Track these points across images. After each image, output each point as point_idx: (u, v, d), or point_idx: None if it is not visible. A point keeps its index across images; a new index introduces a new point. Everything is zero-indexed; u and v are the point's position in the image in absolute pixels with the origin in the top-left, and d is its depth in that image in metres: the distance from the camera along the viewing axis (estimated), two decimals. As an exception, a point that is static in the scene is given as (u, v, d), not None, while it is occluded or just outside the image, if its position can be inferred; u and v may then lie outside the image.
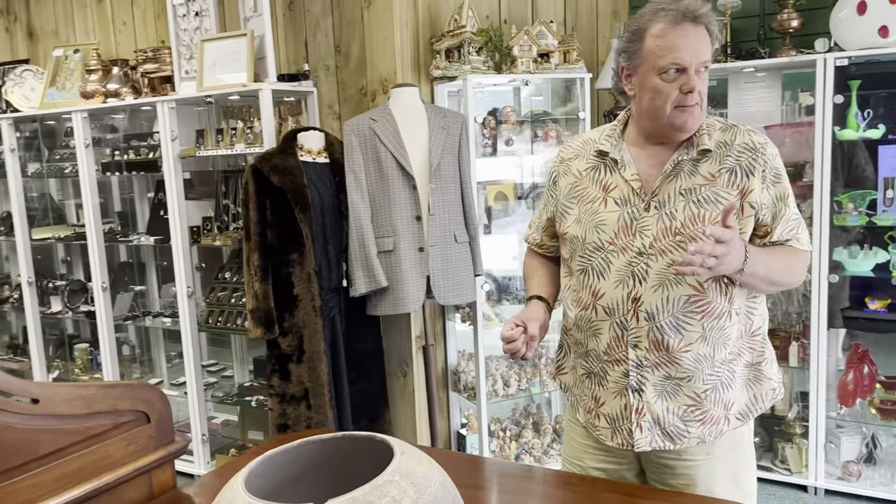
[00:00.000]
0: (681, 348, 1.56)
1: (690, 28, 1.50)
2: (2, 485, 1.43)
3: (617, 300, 1.58)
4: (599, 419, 1.67)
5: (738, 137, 1.59)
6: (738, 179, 1.55)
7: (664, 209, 1.56)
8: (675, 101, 1.52)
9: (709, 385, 1.58)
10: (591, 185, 1.66)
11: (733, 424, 1.61)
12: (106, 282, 3.89)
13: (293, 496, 1.26)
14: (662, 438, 1.60)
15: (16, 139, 4.12)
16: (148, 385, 1.76)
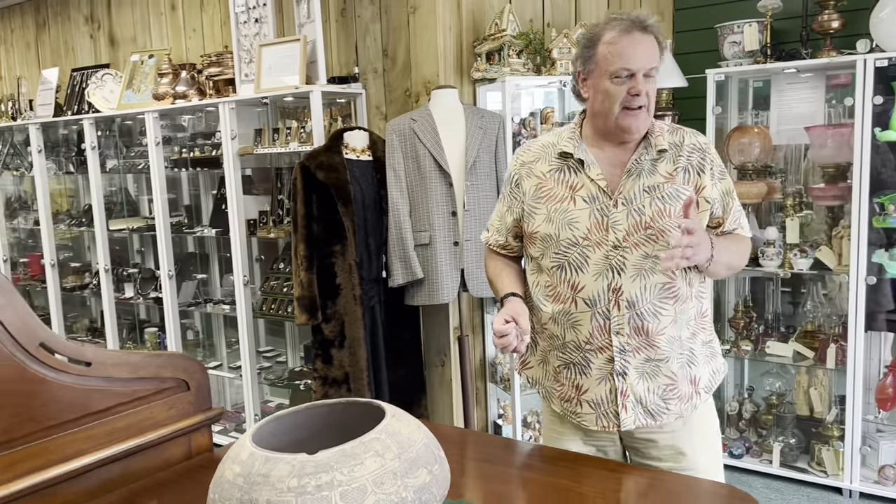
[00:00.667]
0: (658, 332, 1.69)
1: (639, 36, 1.65)
2: (61, 435, 1.64)
3: (598, 291, 1.69)
4: (581, 406, 1.77)
5: (685, 139, 1.73)
6: (692, 177, 1.70)
7: (632, 205, 1.68)
8: (623, 102, 1.66)
9: (679, 364, 1.73)
10: (557, 186, 1.75)
11: (703, 397, 1.77)
12: (172, 270, 4.18)
13: (296, 452, 1.42)
14: (645, 416, 1.73)
15: (96, 137, 4.47)
16: (188, 356, 1.95)
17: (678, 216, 1.64)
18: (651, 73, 1.67)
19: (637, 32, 1.64)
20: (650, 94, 1.67)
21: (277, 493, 1.15)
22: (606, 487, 1.55)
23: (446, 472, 1.29)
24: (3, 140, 5.30)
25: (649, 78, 1.66)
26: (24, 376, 1.57)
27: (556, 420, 1.87)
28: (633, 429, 1.74)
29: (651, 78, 1.67)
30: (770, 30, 3.20)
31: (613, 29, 1.66)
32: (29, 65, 5.68)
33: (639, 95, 1.64)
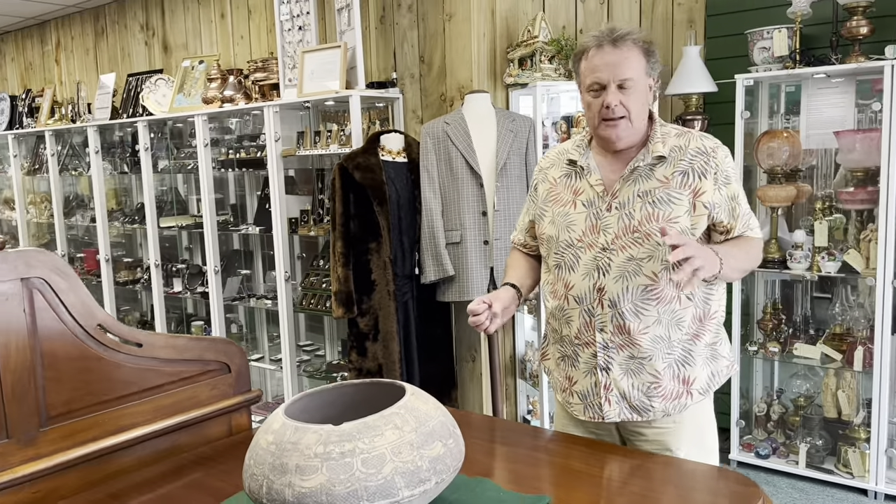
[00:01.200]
0: (640, 331, 1.75)
1: (609, 49, 1.70)
2: (115, 409, 1.80)
3: (585, 290, 1.78)
4: (573, 396, 1.87)
5: (691, 142, 1.76)
6: (691, 181, 1.72)
7: (623, 210, 1.75)
8: (601, 114, 1.72)
9: (666, 363, 1.77)
10: (564, 190, 1.86)
11: (696, 398, 1.80)
12: (218, 266, 4.38)
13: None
14: (630, 411, 1.80)
15: (149, 139, 4.70)
16: (230, 341, 2.11)
17: (665, 220, 1.70)
18: (626, 85, 1.70)
19: (607, 45, 1.70)
20: (628, 105, 1.71)
21: (305, 459, 1.27)
22: (619, 470, 1.65)
23: (461, 446, 1.41)
24: (62, 142, 5.59)
25: (625, 89, 1.70)
26: (85, 354, 1.74)
27: (561, 409, 1.98)
28: (617, 421, 1.82)
29: (627, 89, 1.70)
30: (799, 35, 3.25)
31: (590, 44, 1.74)
32: (88, 70, 5.98)
33: (609, 108, 1.70)
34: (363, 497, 1.23)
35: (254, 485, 1.31)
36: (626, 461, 1.70)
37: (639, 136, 1.78)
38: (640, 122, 1.76)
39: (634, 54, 1.72)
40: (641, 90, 1.73)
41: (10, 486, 1.58)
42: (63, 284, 1.70)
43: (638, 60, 1.72)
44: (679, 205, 1.72)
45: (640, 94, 1.73)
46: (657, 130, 1.79)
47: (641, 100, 1.74)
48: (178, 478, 1.72)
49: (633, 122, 1.73)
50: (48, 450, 1.66)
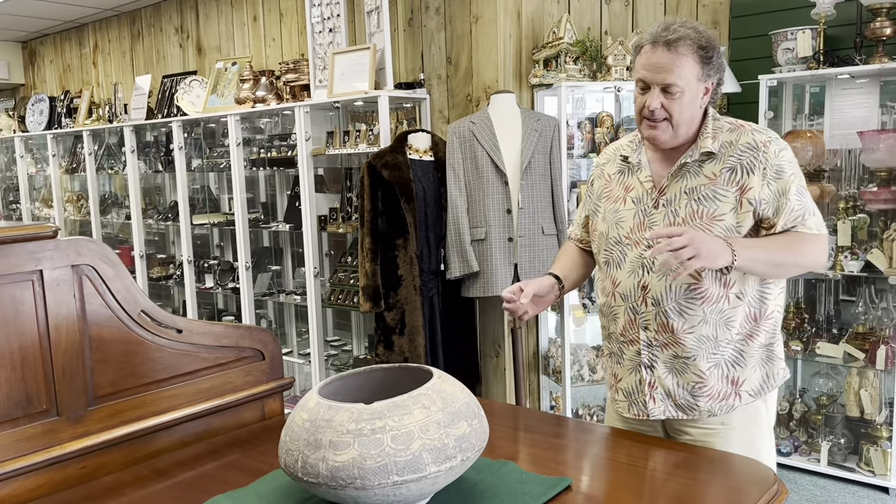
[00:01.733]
0: (684, 330, 1.72)
1: (661, 51, 1.65)
2: (156, 391, 1.90)
3: (630, 287, 1.78)
4: (618, 393, 1.87)
5: (742, 137, 1.70)
6: (738, 177, 1.67)
7: (670, 207, 1.73)
8: (643, 114, 1.71)
9: (712, 363, 1.73)
10: (616, 187, 1.85)
11: (745, 400, 1.75)
12: (249, 263, 4.50)
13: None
14: (675, 409, 1.78)
15: (183, 139, 4.84)
16: (264, 329, 2.20)
17: (710, 217, 1.67)
18: (671, 90, 1.65)
19: (660, 47, 1.65)
20: (671, 109, 1.66)
21: (338, 435, 1.35)
22: (636, 455, 1.70)
23: (485, 427, 1.48)
24: (99, 141, 5.76)
25: (669, 94, 1.65)
26: (129, 338, 1.84)
27: (611, 405, 1.97)
28: (662, 419, 1.81)
29: (672, 94, 1.65)
30: (823, 36, 3.28)
31: (646, 40, 1.70)
32: (124, 72, 6.15)
33: (649, 110, 1.67)
34: (393, 471, 1.30)
35: (289, 460, 1.39)
36: (645, 447, 1.75)
37: (683, 140, 1.73)
38: (686, 127, 1.70)
39: (686, 60, 1.65)
40: (690, 96, 1.67)
41: (60, 461, 1.67)
42: (110, 272, 1.80)
43: (690, 66, 1.65)
44: (724, 202, 1.68)
45: (688, 100, 1.67)
46: (709, 125, 1.72)
47: (688, 105, 1.67)
48: (216, 458, 1.80)
49: (675, 126, 1.69)
50: (95, 427, 1.76)
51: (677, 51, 1.64)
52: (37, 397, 1.65)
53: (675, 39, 1.64)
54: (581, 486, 1.51)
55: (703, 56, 1.66)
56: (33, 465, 1.61)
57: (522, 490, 1.45)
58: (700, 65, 1.66)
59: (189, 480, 1.66)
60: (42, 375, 1.66)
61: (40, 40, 7.17)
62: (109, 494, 1.60)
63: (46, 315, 1.67)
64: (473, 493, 1.46)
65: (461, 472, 1.39)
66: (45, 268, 1.67)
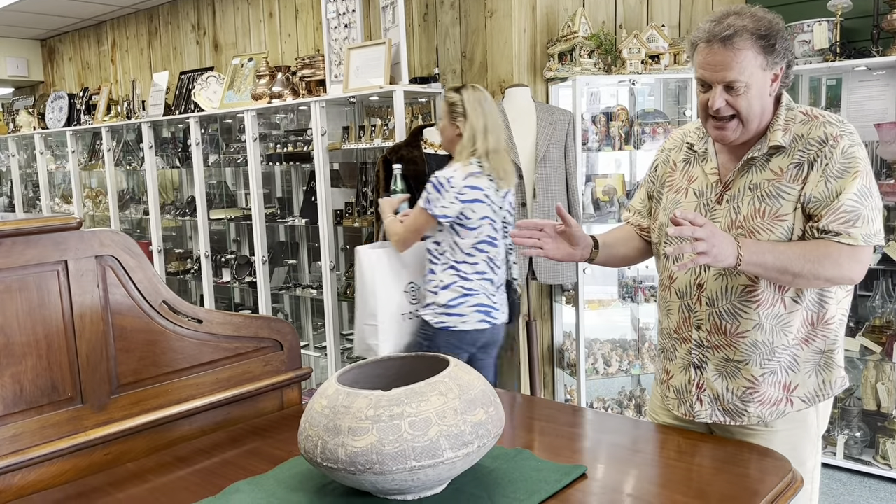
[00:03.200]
0: (738, 334, 1.65)
1: (718, 49, 1.55)
2: (177, 380, 1.93)
3: (685, 284, 1.71)
4: (669, 390, 1.82)
5: (814, 130, 1.58)
6: (804, 172, 1.57)
7: (733, 203, 1.64)
8: (708, 112, 1.60)
9: (766, 370, 1.65)
10: (680, 176, 1.76)
11: (797, 406, 1.67)
12: (266, 257, 4.54)
13: (373, 394, 1.65)
14: (723, 414, 1.71)
15: (200, 134, 4.88)
16: (283, 320, 2.23)
17: (772, 216, 1.58)
18: (734, 87, 1.55)
19: (716, 45, 1.55)
20: (738, 106, 1.57)
21: (357, 421, 1.37)
22: (650, 443, 1.72)
23: (501, 415, 1.49)
24: (117, 137, 5.82)
25: (733, 90, 1.56)
26: (151, 328, 1.87)
27: (657, 399, 1.92)
28: (708, 422, 1.75)
29: (736, 90, 1.55)
30: (840, 28, 3.26)
31: (700, 38, 1.59)
32: (142, 68, 6.21)
33: (713, 109, 1.57)
34: (411, 456, 1.33)
35: (309, 445, 1.41)
36: (660, 436, 1.77)
37: (754, 133, 1.62)
38: (756, 121, 1.60)
39: (746, 54, 1.54)
40: (756, 89, 1.57)
41: (85, 448, 1.71)
42: (132, 263, 1.83)
43: (751, 59, 1.54)
44: (788, 200, 1.58)
45: (755, 94, 1.57)
46: (781, 115, 1.62)
47: (756, 98, 1.58)
48: (236, 445, 1.84)
49: (744, 121, 1.59)
50: (119, 415, 1.79)
51: (734, 46, 1.53)
52: (62, 385, 1.69)
53: (730, 36, 1.53)
54: (596, 473, 1.53)
55: (764, 46, 1.55)
56: (58, 452, 1.65)
57: (538, 477, 1.47)
58: (763, 55, 1.55)
59: (210, 467, 1.69)
60: (67, 364, 1.70)
61: (59, 38, 7.25)
62: (133, 480, 1.63)
63: (71, 304, 1.70)
64: (489, 479, 1.48)
65: (477, 458, 1.41)
66: (70, 258, 1.70)
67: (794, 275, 1.54)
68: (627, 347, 3.75)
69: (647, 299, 3.63)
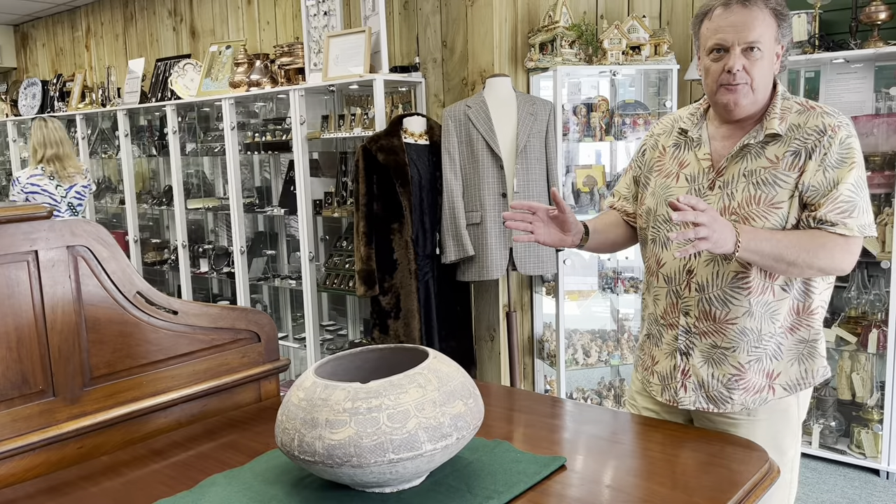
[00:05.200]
0: (727, 320, 1.66)
1: (738, 9, 1.56)
2: (152, 372, 1.90)
3: (674, 270, 1.70)
4: (653, 376, 1.82)
5: (811, 120, 1.59)
6: (800, 161, 1.58)
7: (726, 189, 1.63)
8: (721, 80, 1.59)
9: (753, 357, 1.66)
10: (670, 161, 1.75)
11: (779, 394, 1.68)
12: (244, 247, 4.49)
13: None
14: (706, 401, 1.72)
15: (177, 123, 4.82)
16: (260, 311, 2.20)
17: (767, 204, 1.59)
18: (753, 47, 1.55)
19: (735, 5, 1.56)
20: (752, 71, 1.57)
21: (334, 414, 1.36)
22: (629, 434, 1.72)
23: (480, 406, 1.48)
24: (92, 125, 5.73)
25: (750, 53, 1.56)
26: (125, 319, 1.84)
27: (638, 385, 1.92)
28: (692, 409, 1.76)
29: (752, 54, 1.56)
30: (819, 20, 3.28)
31: (716, 2, 1.59)
32: (117, 55, 6.11)
33: (731, 72, 1.57)
34: (389, 449, 1.31)
35: (286, 438, 1.40)
36: (640, 427, 1.77)
37: (758, 107, 1.63)
38: (763, 92, 1.61)
39: (765, 16, 1.56)
40: (768, 57, 1.59)
41: (57, 441, 1.68)
42: (105, 253, 1.80)
43: (768, 24, 1.57)
44: (784, 188, 1.59)
45: (766, 62, 1.59)
46: (777, 104, 1.63)
47: (767, 67, 1.59)
48: (213, 438, 1.81)
49: (754, 90, 1.59)
50: (92, 408, 1.76)
51: (755, 5, 1.56)
52: (33, 378, 1.65)
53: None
54: (575, 464, 1.53)
55: (778, 13, 1.59)
56: (29, 445, 1.62)
57: (517, 469, 1.47)
58: (776, 22, 1.58)
59: (186, 460, 1.67)
60: (38, 356, 1.66)
61: (32, 24, 7.11)
62: (107, 474, 1.61)
63: (42, 296, 1.67)
64: (468, 471, 1.47)
65: (456, 450, 1.40)
66: (41, 248, 1.67)
67: (789, 263, 1.55)
68: (607, 338, 3.76)
69: (626, 290, 3.64)
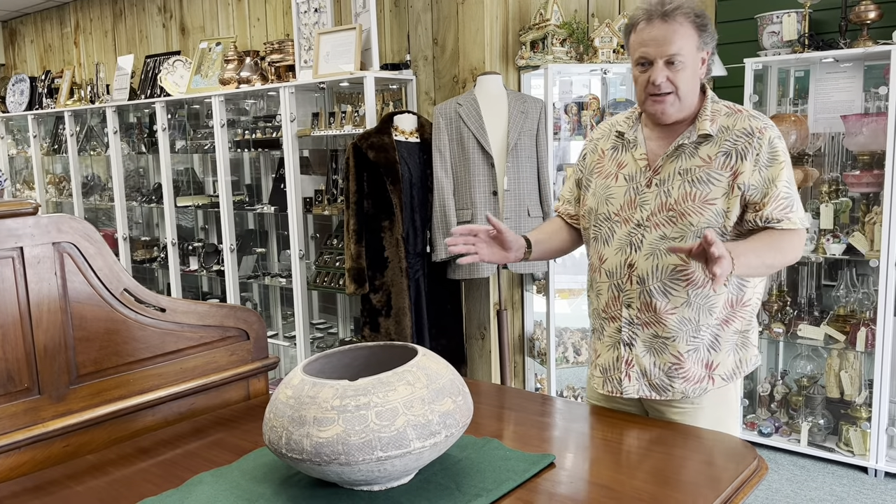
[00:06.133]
0: (667, 311, 1.74)
1: (658, 24, 1.66)
2: (140, 370, 1.89)
3: (616, 265, 1.79)
4: (596, 369, 1.90)
5: (738, 122, 1.70)
6: (732, 161, 1.67)
7: (663, 187, 1.73)
8: (648, 90, 1.69)
9: (691, 347, 1.75)
10: (609, 163, 1.85)
11: (718, 384, 1.78)
12: (234, 245, 4.47)
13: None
14: (649, 389, 1.81)
15: (167, 120, 4.79)
16: (249, 309, 2.19)
17: (702, 201, 1.68)
18: (674, 61, 1.65)
19: (656, 19, 1.65)
20: (676, 81, 1.66)
21: (323, 411, 1.35)
22: (619, 432, 1.72)
23: (469, 404, 1.48)
24: (81, 122, 5.69)
25: (672, 65, 1.66)
26: (111, 316, 1.82)
27: (589, 381, 1.99)
28: (636, 397, 1.83)
29: (675, 65, 1.65)
30: (808, 20, 3.29)
31: (639, 17, 1.70)
32: (106, 52, 6.07)
33: (655, 84, 1.66)
34: (377, 447, 1.31)
35: (273, 436, 1.39)
36: (627, 425, 1.77)
37: (687, 112, 1.73)
38: (690, 99, 1.71)
39: (685, 28, 1.66)
40: (691, 66, 1.68)
41: (43, 440, 1.67)
42: (92, 249, 1.78)
43: (688, 35, 1.66)
44: (717, 186, 1.68)
45: (690, 70, 1.68)
46: (708, 107, 1.73)
47: (690, 76, 1.69)
48: (200, 436, 1.80)
49: (681, 98, 1.69)
50: (78, 406, 1.75)
51: (675, 20, 1.65)
52: (18, 375, 1.64)
53: (671, 10, 1.65)
54: (564, 462, 1.52)
55: (699, 24, 1.67)
56: (14, 444, 1.60)
57: (506, 467, 1.46)
58: (697, 33, 1.67)
59: (173, 459, 1.66)
60: (23, 353, 1.65)
61: (20, 19, 7.06)
62: (93, 473, 1.59)
63: (27, 292, 1.65)
64: (457, 469, 1.46)
65: (445, 448, 1.39)
66: (26, 245, 1.65)
67: (769, 266, 1.68)
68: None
69: (616, 288, 3.63)
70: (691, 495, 1.36)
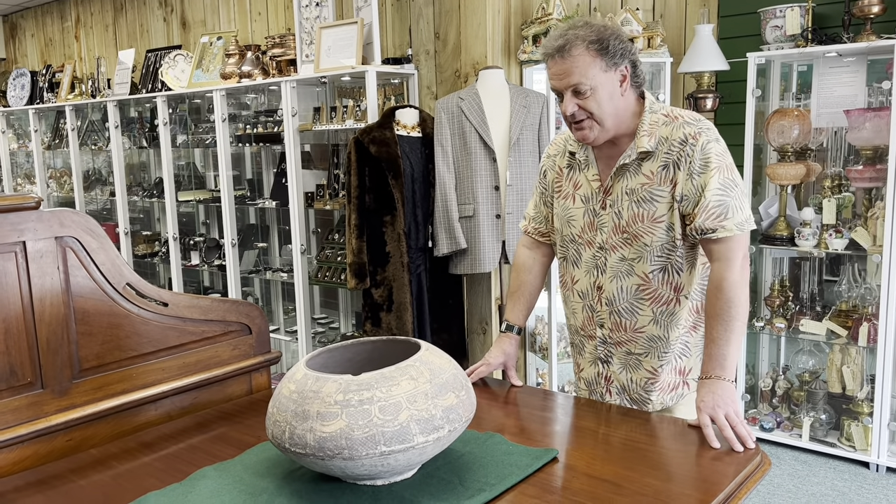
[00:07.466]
0: (636, 329, 1.79)
1: (557, 60, 1.66)
2: (142, 364, 1.89)
3: (586, 286, 1.83)
4: (581, 382, 1.97)
5: (675, 131, 1.68)
6: (671, 174, 1.67)
7: (614, 208, 1.75)
8: (567, 120, 1.72)
9: (664, 361, 1.80)
10: (566, 183, 1.86)
11: (692, 387, 1.82)
12: (235, 240, 4.47)
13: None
14: (630, 403, 1.86)
15: (168, 114, 4.78)
16: (251, 303, 2.19)
17: (650, 220, 1.70)
18: (580, 89, 1.65)
19: (556, 57, 1.66)
20: (589, 108, 1.66)
21: (326, 406, 1.35)
22: (625, 428, 1.72)
23: (472, 399, 1.48)
24: (82, 117, 5.68)
25: (580, 94, 1.65)
26: (114, 311, 1.82)
27: (576, 390, 2.06)
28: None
29: (583, 93, 1.65)
30: (811, 14, 3.27)
31: (546, 53, 1.71)
32: (107, 46, 6.06)
33: (568, 115, 1.69)
34: (380, 441, 1.31)
35: (277, 431, 1.39)
36: (632, 420, 1.77)
37: (624, 129, 1.73)
38: (614, 119, 1.70)
39: (583, 60, 1.64)
40: (603, 90, 1.66)
41: (46, 434, 1.67)
42: (94, 244, 1.78)
43: (589, 64, 1.64)
44: (662, 202, 1.69)
45: (602, 94, 1.66)
46: (646, 120, 1.72)
47: (607, 98, 1.67)
48: (203, 431, 1.80)
49: (600, 122, 1.68)
50: (81, 400, 1.75)
51: (570, 54, 1.64)
52: (21, 370, 1.64)
53: (563, 45, 1.65)
54: (567, 457, 1.52)
55: (598, 49, 1.65)
56: (18, 438, 1.60)
57: (509, 461, 1.46)
58: (599, 57, 1.65)
59: (176, 453, 1.66)
60: (26, 348, 1.65)
61: (21, 14, 7.04)
62: (96, 467, 1.59)
63: (30, 287, 1.65)
64: (460, 463, 1.46)
65: (448, 442, 1.39)
66: (28, 239, 1.65)
67: (739, 331, 1.65)
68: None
69: (618, 283, 3.63)
70: (695, 490, 1.35)
